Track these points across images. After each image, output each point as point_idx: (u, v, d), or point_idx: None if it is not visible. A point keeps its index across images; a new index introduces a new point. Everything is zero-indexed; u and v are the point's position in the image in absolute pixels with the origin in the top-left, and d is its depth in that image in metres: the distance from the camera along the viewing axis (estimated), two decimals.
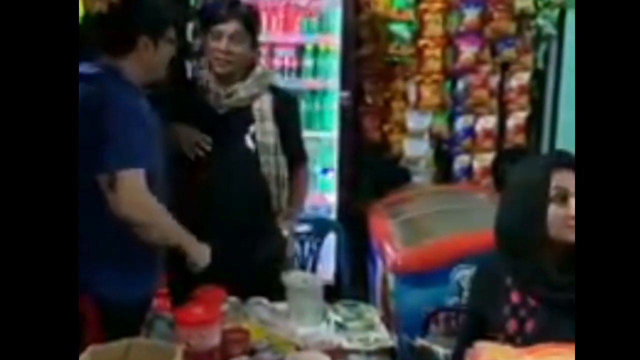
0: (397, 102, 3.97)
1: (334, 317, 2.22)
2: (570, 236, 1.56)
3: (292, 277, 2.36)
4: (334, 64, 3.62)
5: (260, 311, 2.19)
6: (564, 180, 1.58)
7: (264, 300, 2.28)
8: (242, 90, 2.43)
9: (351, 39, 3.65)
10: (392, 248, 2.85)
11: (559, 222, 1.58)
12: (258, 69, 2.49)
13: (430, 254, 2.72)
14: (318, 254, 3.33)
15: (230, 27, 2.38)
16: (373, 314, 2.30)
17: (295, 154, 2.55)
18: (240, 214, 2.42)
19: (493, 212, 3.30)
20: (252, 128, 2.44)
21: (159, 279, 2.23)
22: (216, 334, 1.81)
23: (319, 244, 3.33)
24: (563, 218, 1.57)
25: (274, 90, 2.52)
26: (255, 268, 2.40)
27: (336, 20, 3.58)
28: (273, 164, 2.45)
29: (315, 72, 3.66)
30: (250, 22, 2.44)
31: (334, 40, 3.60)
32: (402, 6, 3.81)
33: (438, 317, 2.44)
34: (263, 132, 2.43)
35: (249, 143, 2.44)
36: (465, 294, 2.66)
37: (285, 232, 2.56)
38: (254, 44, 2.47)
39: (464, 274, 2.69)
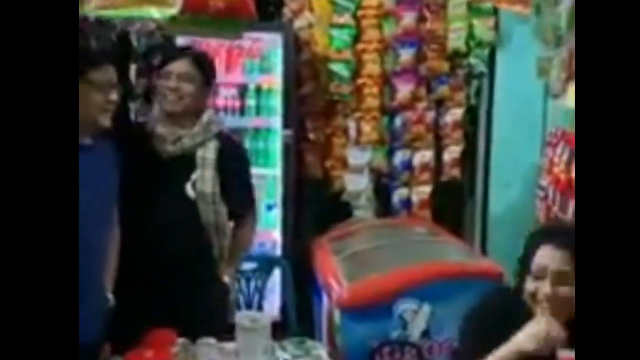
0: (338, 139, 4.07)
1: (283, 355, 2.27)
2: (538, 311, 1.60)
3: (241, 317, 2.40)
4: (276, 103, 3.70)
5: (209, 352, 2.21)
6: (546, 257, 1.61)
7: (212, 341, 2.30)
8: (187, 139, 2.44)
9: (293, 79, 3.74)
10: (337, 283, 2.91)
11: (531, 299, 1.62)
12: (206, 117, 2.49)
13: (375, 289, 2.80)
14: (264, 291, 3.37)
15: (179, 66, 2.40)
16: (320, 350, 2.36)
17: (239, 203, 2.54)
18: (180, 263, 2.42)
19: (432, 245, 3.46)
20: (194, 176, 2.43)
21: (102, 324, 2.17)
22: None
23: (265, 281, 3.37)
24: (535, 293, 1.61)
25: (221, 137, 2.52)
26: (197, 317, 2.37)
27: (278, 60, 3.66)
28: (212, 213, 2.44)
29: (258, 111, 3.73)
30: (201, 63, 2.46)
31: (276, 80, 3.68)
32: (341, 46, 3.94)
33: (383, 351, 2.51)
34: (203, 180, 2.42)
35: (189, 191, 2.43)
36: (410, 327, 2.75)
37: (227, 280, 2.56)
38: (206, 86, 2.49)
39: (406, 308, 2.77)
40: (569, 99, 2.52)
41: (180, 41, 3.29)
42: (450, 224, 3.97)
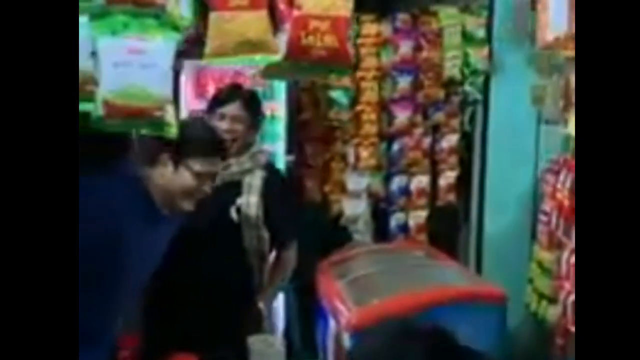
0: (337, 164, 4.14)
1: None
2: None
3: (256, 340, 2.44)
4: (279, 129, 3.75)
5: None
6: None
7: None
8: (235, 165, 2.52)
9: (295, 106, 3.81)
10: (345, 307, 2.95)
11: None
12: (254, 148, 2.61)
13: (383, 313, 2.84)
14: (269, 315, 3.39)
15: (232, 108, 2.52)
16: None
17: (281, 231, 2.61)
18: (218, 285, 2.47)
19: (432, 268, 3.52)
20: (239, 201, 2.52)
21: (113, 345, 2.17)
22: None
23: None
24: None
25: (268, 167, 2.63)
26: (227, 341, 2.41)
27: (281, 87, 3.72)
28: (254, 238, 2.51)
29: (261, 137, 3.78)
30: (251, 104, 2.58)
31: (279, 107, 3.74)
32: (340, 74, 4.02)
33: None
34: (248, 204, 2.50)
35: (234, 215, 2.50)
36: None
37: (262, 306, 2.61)
38: (254, 124, 2.61)
39: None
40: (570, 127, 2.60)
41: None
42: (445, 248, 4.03)
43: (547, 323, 3.23)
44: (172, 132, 1.66)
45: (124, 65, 1.55)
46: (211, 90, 3.70)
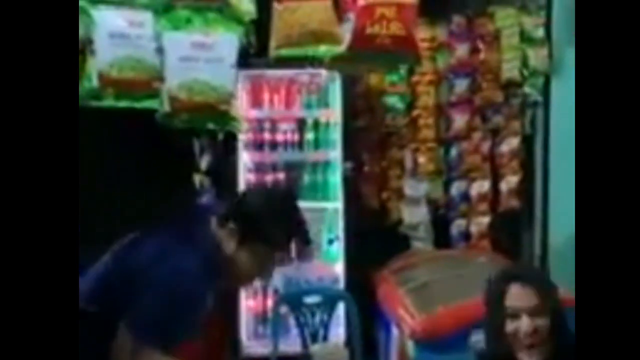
0: (394, 170, 4.09)
1: None
2: (524, 356, 1.70)
3: (319, 348, 2.41)
4: (335, 136, 3.73)
5: None
6: (516, 297, 1.74)
7: None
8: None
9: (350, 112, 3.78)
10: (409, 315, 2.89)
11: (512, 339, 1.73)
12: None
13: (448, 320, 2.77)
14: (329, 324, 3.35)
15: None
16: None
17: None
18: None
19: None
20: None
21: None
22: None
23: (330, 314, 3.36)
24: (514, 335, 1.72)
25: None
26: None
27: (336, 94, 3.70)
28: None
29: (316, 144, 3.77)
30: None
31: (334, 114, 3.72)
32: (395, 80, 3.97)
33: None
34: None
35: None
36: None
37: None
38: None
39: (480, 338, 2.73)
40: None
41: None
42: (508, 255, 3.92)
43: None
44: (237, 127, 1.66)
45: (189, 60, 1.59)
46: (267, 98, 3.72)
